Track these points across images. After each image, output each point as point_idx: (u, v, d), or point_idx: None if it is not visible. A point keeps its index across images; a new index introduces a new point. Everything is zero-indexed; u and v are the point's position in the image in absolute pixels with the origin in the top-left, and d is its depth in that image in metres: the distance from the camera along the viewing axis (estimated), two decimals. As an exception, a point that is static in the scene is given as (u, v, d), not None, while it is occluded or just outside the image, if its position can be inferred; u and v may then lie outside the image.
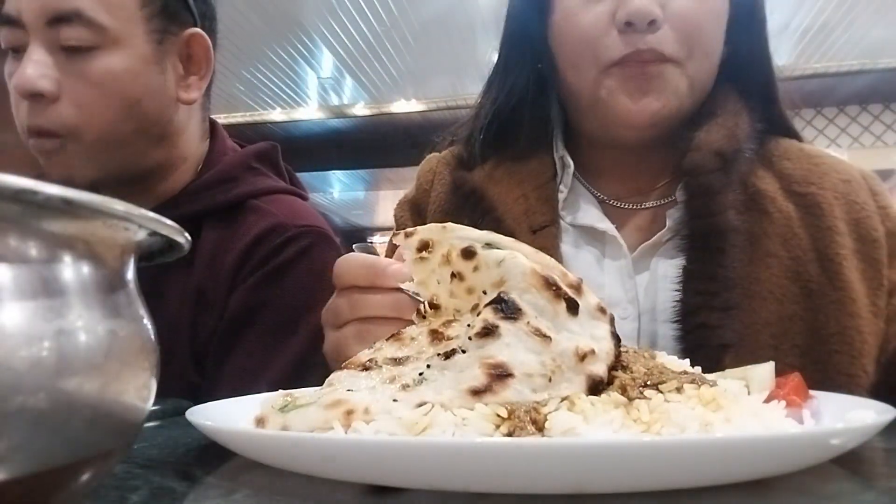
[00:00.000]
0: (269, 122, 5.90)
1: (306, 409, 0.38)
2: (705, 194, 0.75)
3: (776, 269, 0.74)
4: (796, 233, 0.76)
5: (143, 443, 0.45)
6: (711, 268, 0.72)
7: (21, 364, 0.20)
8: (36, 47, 0.89)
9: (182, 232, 0.28)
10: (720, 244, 0.73)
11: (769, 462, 0.31)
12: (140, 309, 0.26)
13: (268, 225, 0.98)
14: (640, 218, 0.84)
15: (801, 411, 0.40)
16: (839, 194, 0.79)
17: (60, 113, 0.90)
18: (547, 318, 0.39)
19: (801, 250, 0.75)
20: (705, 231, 0.74)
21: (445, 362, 0.39)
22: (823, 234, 0.76)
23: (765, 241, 0.75)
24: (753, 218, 0.76)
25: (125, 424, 0.25)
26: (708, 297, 0.71)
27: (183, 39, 0.99)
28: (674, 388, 0.38)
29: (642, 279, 0.79)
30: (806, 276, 0.74)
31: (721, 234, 0.73)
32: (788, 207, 0.77)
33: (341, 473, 0.33)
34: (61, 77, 0.90)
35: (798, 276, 0.74)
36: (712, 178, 0.75)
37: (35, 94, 0.89)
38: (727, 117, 0.80)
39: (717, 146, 0.76)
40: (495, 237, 0.44)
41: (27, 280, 0.21)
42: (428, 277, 0.47)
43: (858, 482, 0.34)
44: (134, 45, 0.93)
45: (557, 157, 0.87)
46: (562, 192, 0.85)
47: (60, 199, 0.21)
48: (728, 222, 0.74)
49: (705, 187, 0.75)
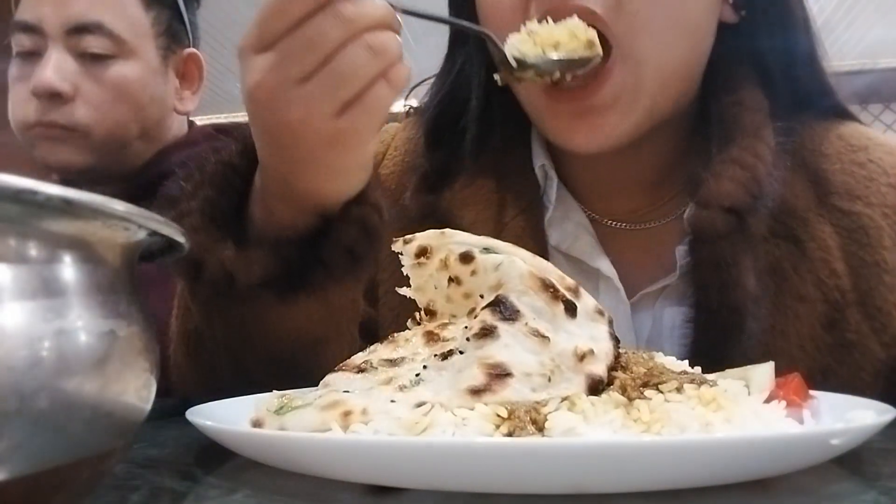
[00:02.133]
0: (269, 122, 5.90)
1: (303, 410, 0.38)
2: (715, 267, 0.59)
3: (807, 319, 0.60)
4: (835, 268, 0.61)
5: (143, 443, 0.45)
6: (725, 347, 0.59)
7: (21, 364, 0.20)
8: (56, 52, 0.99)
9: (183, 232, 0.28)
10: (736, 320, 0.58)
11: (769, 462, 0.31)
12: (140, 309, 0.26)
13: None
14: (641, 244, 0.69)
15: (801, 411, 0.40)
16: (889, 209, 0.63)
17: (74, 112, 1.00)
18: (545, 320, 0.39)
19: (839, 291, 0.60)
20: (717, 308, 0.59)
21: (443, 363, 0.39)
22: (869, 272, 0.61)
23: (794, 281, 0.61)
24: (780, 248, 0.61)
25: (125, 424, 0.25)
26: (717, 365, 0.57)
27: (181, 57, 1.12)
28: (674, 388, 0.38)
29: (643, 325, 0.67)
30: (843, 324, 0.60)
31: (736, 311, 0.59)
32: (825, 232, 0.62)
33: (341, 473, 0.33)
34: (78, 80, 1.00)
35: (834, 323, 0.60)
36: (725, 246, 0.59)
37: (54, 94, 0.98)
38: (746, 143, 0.62)
39: (730, 200, 0.59)
40: (493, 242, 0.44)
41: (27, 280, 0.21)
42: (425, 283, 0.47)
43: (858, 482, 0.34)
44: (145, 58, 1.05)
45: (538, 165, 0.71)
46: (547, 208, 0.70)
47: (60, 199, 0.21)
48: (746, 294, 0.59)
49: (715, 258, 0.59)
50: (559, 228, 0.70)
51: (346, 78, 0.45)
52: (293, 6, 0.44)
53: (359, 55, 0.45)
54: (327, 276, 0.54)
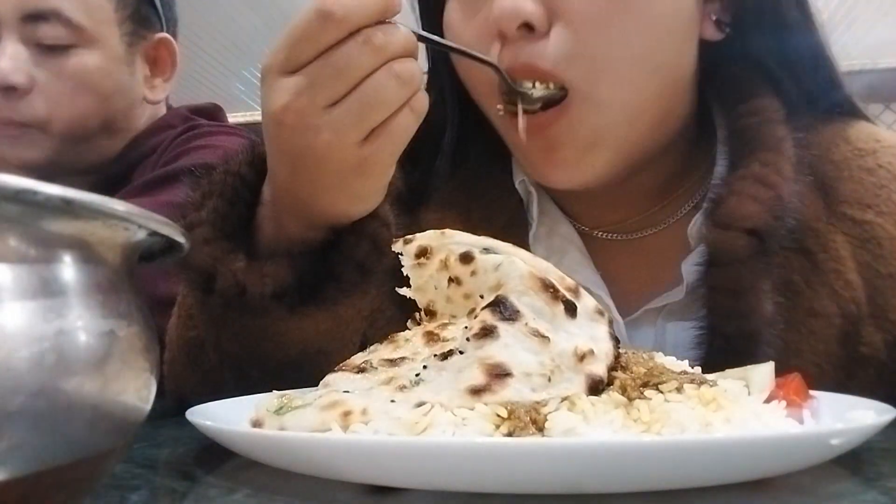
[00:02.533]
0: (269, 122, 5.90)
1: (302, 410, 0.38)
2: (734, 294, 0.56)
3: (822, 335, 0.57)
4: (849, 280, 0.58)
5: (143, 443, 0.45)
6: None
7: (21, 364, 0.20)
8: (10, 42, 0.92)
9: (182, 231, 0.28)
10: (750, 348, 0.55)
11: (769, 462, 0.31)
12: (140, 309, 0.26)
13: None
14: (636, 256, 0.66)
15: (801, 411, 0.40)
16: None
17: (31, 105, 0.93)
18: (545, 320, 0.39)
19: (854, 304, 0.57)
20: (732, 335, 0.56)
21: (443, 363, 0.39)
22: (884, 284, 0.58)
23: (807, 295, 0.58)
24: (791, 262, 0.58)
25: (125, 424, 0.25)
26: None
27: (151, 43, 1.04)
28: (674, 388, 0.38)
29: (644, 342, 0.64)
30: (857, 338, 0.57)
31: (751, 338, 0.56)
32: (837, 242, 0.59)
33: (341, 473, 0.33)
34: (35, 71, 0.93)
35: (847, 337, 0.57)
36: (744, 271, 0.56)
37: (8, 87, 0.91)
38: (768, 158, 0.58)
39: (752, 223, 0.56)
40: (493, 242, 0.44)
41: (27, 280, 0.21)
42: (425, 283, 0.47)
43: (858, 482, 0.34)
44: (107, 46, 0.97)
45: (518, 181, 0.68)
46: (531, 224, 0.67)
47: (60, 199, 0.21)
48: (763, 320, 0.56)
49: (734, 284, 0.56)
50: (544, 244, 0.68)
51: (374, 105, 0.45)
52: (325, 32, 0.44)
53: (387, 83, 0.45)
54: (338, 290, 0.54)
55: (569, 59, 0.55)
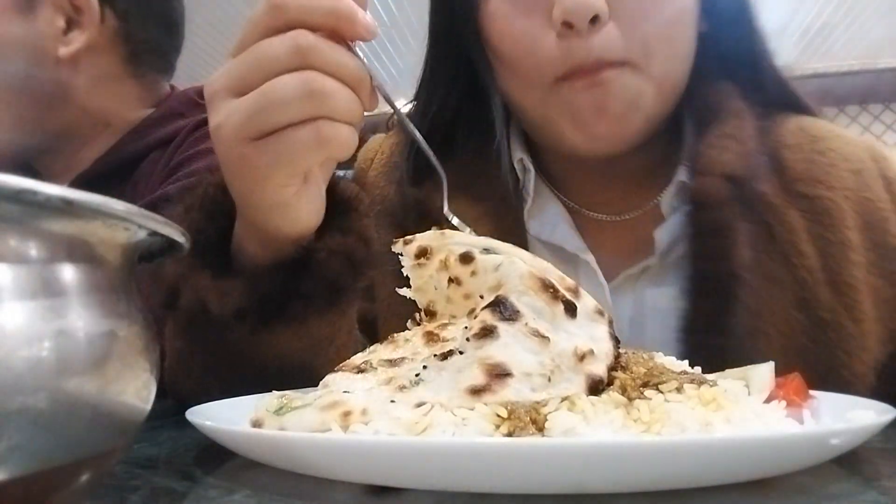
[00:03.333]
0: (269, 122, 5.90)
1: (302, 411, 0.38)
2: (717, 233, 0.62)
3: (781, 299, 0.63)
4: (802, 250, 0.64)
5: (143, 443, 0.45)
6: (721, 319, 0.60)
7: (21, 364, 0.20)
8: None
9: (183, 232, 0.28)
10: (733, 290, 0.60)
11: (769, 462, 0.31)
12: (140, 309, 0.26)
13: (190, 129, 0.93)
14: (619, 232, 0.72)
15: (801, 411, 0.40)
16: (850, 192, 0.66)
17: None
18: (545, 320, 0.39)
19: (807, 271, 0.63)
20: (715, 276, 0.61)
21: (443, 363, 0.39)
22: (835, 251, 0.64)
23: (767, 264, 0.63)
24: (752, 235, 0.64)
25: (125, 424, 0.25)
26: (716, 352, 0.59)
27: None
28: (674, 388, 0.38)
29: (624, 306, 0.69)
30: (815, 303, 0.63)
31: (735, 278, 0.61)
32: (791, 216, 0.65)
33: (341, 473, 0.33)
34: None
35: (806, 303, 0.63)
36: (725, 212, 0.62)
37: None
38: (736, 123, 0.66)
39: (729, 168, 0.63)
40: (493, 243, 0.45)
41: (27, 280, 0.21)
42: (425, 283, 0.47)
43: (858, 482, 0.34)
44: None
45: (516, 159, 0.74)
46: (526, 200, 0.73)
47: (60, 199, 0.21)
48: (742, 262, 0.61)
49: (715, 222, 0.62)
50: (538, 219, 0.73)
51: (271, 104, 0.44)
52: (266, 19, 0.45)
53: (292, 86, 0.43)
54: (307, 308, 0.53)
55: (626, 46, 0.61)
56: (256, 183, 0.48)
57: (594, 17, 0.59)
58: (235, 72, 0.45)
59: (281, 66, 0.43)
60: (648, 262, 0.68)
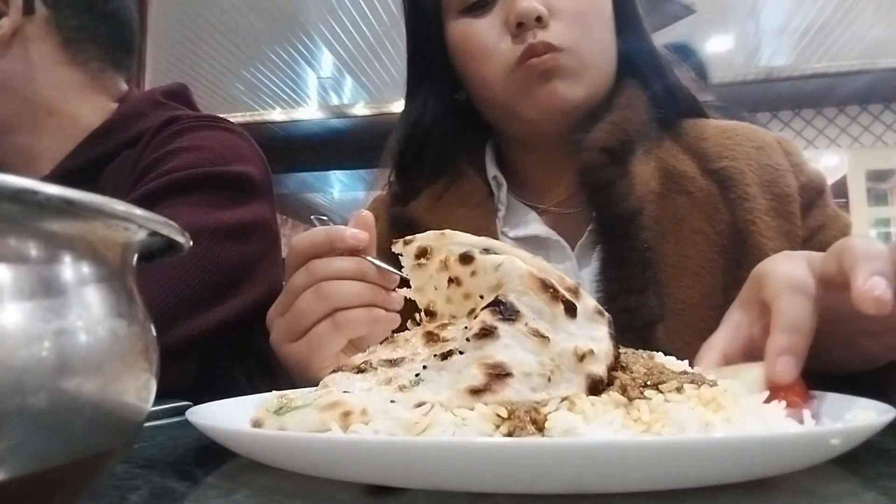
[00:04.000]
0: (269, 122, 5.89)
1: (302, 411, 0.38)
2: (601, 189, 0.81)
3: (703, 245, 0.79)
4: (718, 208, 0.81)
5: (143, 443, 0.45)
6: (622, 253, 0.78)
7: (21, 364, 0.20)
8: None
9: (182, 231, 0.28)
10: (627, 230, 0.79)
11: (769, 462, 0.31)
12: (140, 309, 0.26)
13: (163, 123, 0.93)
14: (576, 220, 0.88)
15: (801, 411, 0.40)
16: (752, 161, 0.84)
17: None
18: (545, 320, 0.39)
19: (724, 224, 0.80)
20: (610, 221, 0.80)
21: (443, 363, 0.39)
22: (736, 205, 0.80)
23: (689, 220, 0.81)
24: (677, 200, 0.82)
25: (125, 424, 0.25)
26: (623, 282, 0.77)
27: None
28: (674, 388, 0.38)
29: (587, 275, 0.84)
30: (730, 248, 0.79)
31: (626, 221, 0.79)
32: (708, 185, 0.82)
33: (341, 473, 0.33)
34: None
35: (724, 249, 0.79)
36: (602, 173, 0.81)
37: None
38: (617, 113, 0.85)
39: (601, 143, 0.82)
40: (493, 243, 0.45)
41: (27, 280, 0.21)
42: (426, 284, 0.47)
43: (858, 482, 0.34)
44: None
45: (490, 177, 0.92)
46: (500, 209, 0.90)
47: (60, 199, 0.21)
48: (629, 208, 0.79)
49: (599, 182, 0.81)
50: (511, 222, 0.90)
51: (296, 314, 0.59)
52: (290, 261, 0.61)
53: (309, 298, 0.58)
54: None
55: (565, 35, 0.82)
56: (302, 370, 0.61)
57: (538, 18, 0.80)
58: (279, 302, 0.62)
59: (301, 289, 0.59)
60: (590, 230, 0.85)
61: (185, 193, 0.86)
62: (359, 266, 0.58)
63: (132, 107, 1.00)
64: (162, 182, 0.86)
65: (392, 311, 0.59)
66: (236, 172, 0.90)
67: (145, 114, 0.98)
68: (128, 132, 0.96)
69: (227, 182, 0.89)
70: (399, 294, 0.58)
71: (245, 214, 0.89)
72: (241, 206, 0.89)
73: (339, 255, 0.59)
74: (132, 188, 0.88)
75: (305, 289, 0.58)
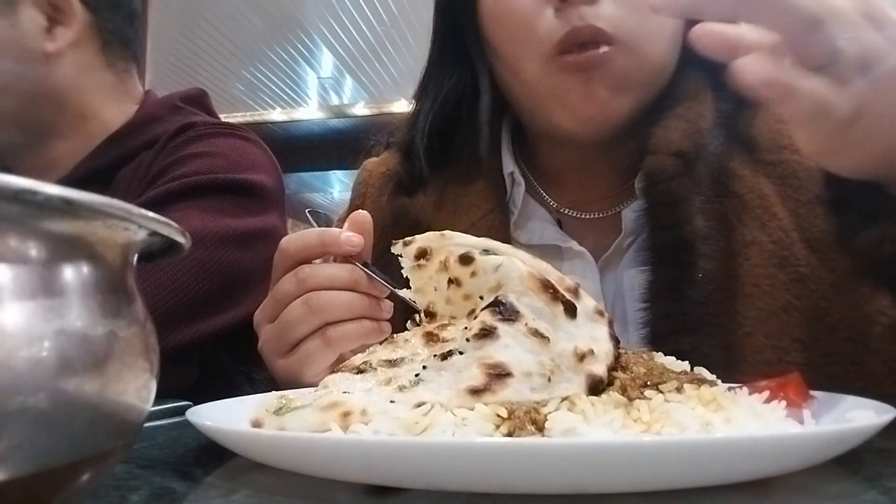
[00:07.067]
0: (269, 122, 5.90)
1: (302, 411, 0.38)
2: (668, 204, 0.66)
3: (757, 259, 0.66)
4: (774, 213, 0.67)
5: (143, 443, 0.45)
6: (680, 285, 0.65)
7: (21, 364, 0.20)
8: None
9: (183, 232, 0.28)
10: (688, 258, 0.65)
11: (769, 462, 0.31)
12: (140, 309, 0.26)
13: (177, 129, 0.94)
14: (599, 226, 0.77)
15: (801, 411, 0.40)
16: None
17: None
18: (545, 321, 0.39)
19: (782, 231, 0.66)
20: (670, 244, 0.66)
21: (443, 363, 0.39)
22: (805, 210, 0.67)
23: (740, 230, 0.67)
24: (724, 205, 0.68)
25: (125, 424, 0.25)
26: (678, 319, 0.64)
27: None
28: (674, 388, 0.38)
29: (607, 289, 0.73)
30: (793, 260, 0.66)
31: (688, 246, 0.65)
32: (761, 183, 0.68)
33: (341, 473, 0.33)
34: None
35: (785, 261, 0.66)
36: (674, 185, 0.67)
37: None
38: (689, 105, 0.71)
39: (676, 146, 0.68)
40: (493, 244, 0.45)
41: (27, 280, 0.21)
42: (425, 285, 0.47)
43: (858, 482, 0.34)
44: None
45: (507, 173, 0.79)
46: (513, 212, 0.78)
47: (60, 199, 0.21)
48: (696, 231, 0.65)
49: (667, 195, 0.67)
50: (525, 228, 0.78)
51: (285, 326, 0.56)
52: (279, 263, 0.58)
53: (298, 308, 0.55)
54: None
55: (619, 21, 0.66)
56: (291, 384, 0.57)
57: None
58: (266, 306, 0.58)
59: (290, 297, 0.55)
60: (619, 241, 0.73)
61: (195, 198, 0.86)
62: (351, 275, 0.55)
63: (150, 111, 1.01)
64: (173, 186, 0.86)
65: (382, 321, 0.56)
66: (248, 180, 0.91)
67: (163, 118, 0.99)
68: (145, 136, 0.97)
69: (238, 189, 0.90)
70: (388, 301, 0.55)
71: (254, 223, 0.89)
72: (250, 214, 0.90)
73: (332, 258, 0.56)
74: (144, 191, 0.89)
75: (295, 297, 0.55)
